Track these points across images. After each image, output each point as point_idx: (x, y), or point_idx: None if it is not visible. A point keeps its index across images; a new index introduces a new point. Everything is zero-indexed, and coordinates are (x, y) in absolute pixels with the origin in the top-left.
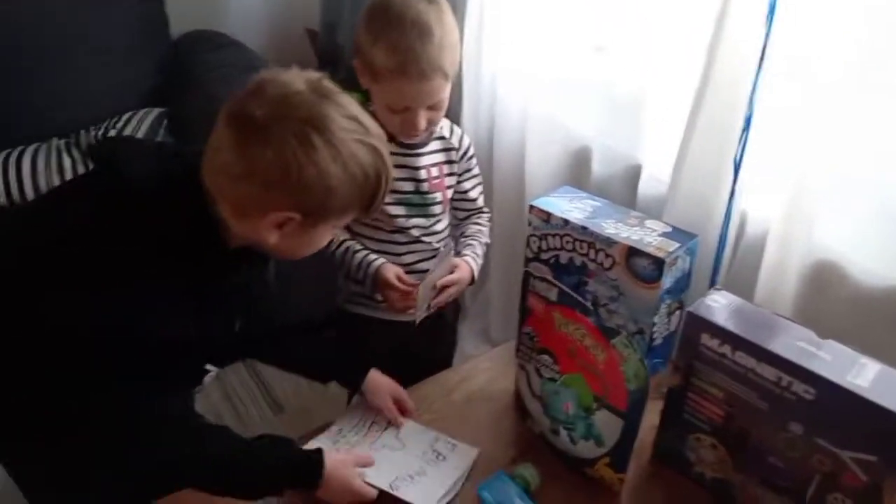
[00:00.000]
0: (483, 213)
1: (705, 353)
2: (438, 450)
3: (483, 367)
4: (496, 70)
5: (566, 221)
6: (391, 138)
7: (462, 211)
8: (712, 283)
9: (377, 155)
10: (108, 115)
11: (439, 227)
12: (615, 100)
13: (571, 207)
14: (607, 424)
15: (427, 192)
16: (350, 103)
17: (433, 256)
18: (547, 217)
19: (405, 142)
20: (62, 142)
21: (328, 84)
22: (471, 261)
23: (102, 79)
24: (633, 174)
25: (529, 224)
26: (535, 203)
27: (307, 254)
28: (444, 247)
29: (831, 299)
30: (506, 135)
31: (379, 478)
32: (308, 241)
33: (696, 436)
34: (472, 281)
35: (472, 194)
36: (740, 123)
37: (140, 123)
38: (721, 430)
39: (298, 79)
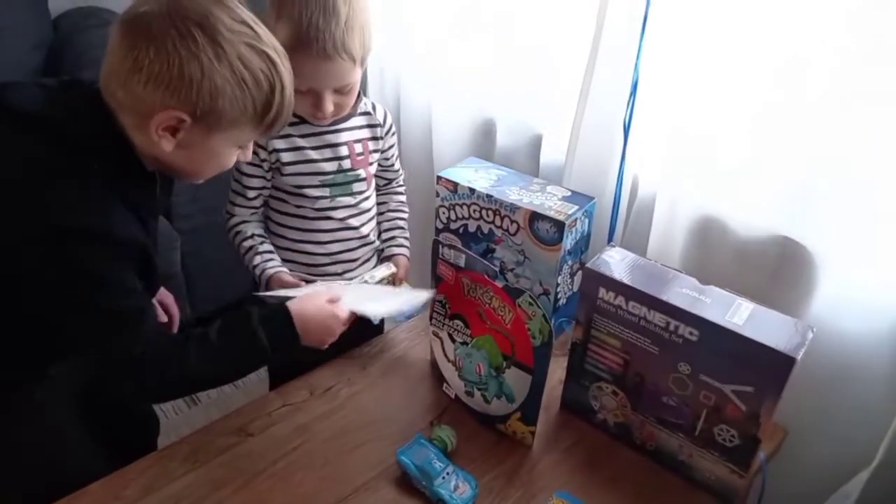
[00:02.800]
0: (400, 174)
1: (602, 306)
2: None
3: (399, 337)
4: (400, 50)
5: (472, 190)
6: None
7: (384, 179)
8: (610, 240)
9: (269, 62)
10: None
11: (366, 205)
12: (516, 74)
13: (477, 177)
14: (517, 381)
15: (350, 170)
16: (244, 11)
17: (361, 245)
18: (454, 187)
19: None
20: None
21: None
22: (404, 251)
23: None
24: (535, 144)
25: (438, 195)
26: (442, 174)
27: (211, 171)
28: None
29: (714, 251)
30: (413, 112)
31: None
32: (207, 154)
33: (598, 384)
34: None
35: (396, 164)
36: (628, 89)
37: None
38: (620, 377)
39: None
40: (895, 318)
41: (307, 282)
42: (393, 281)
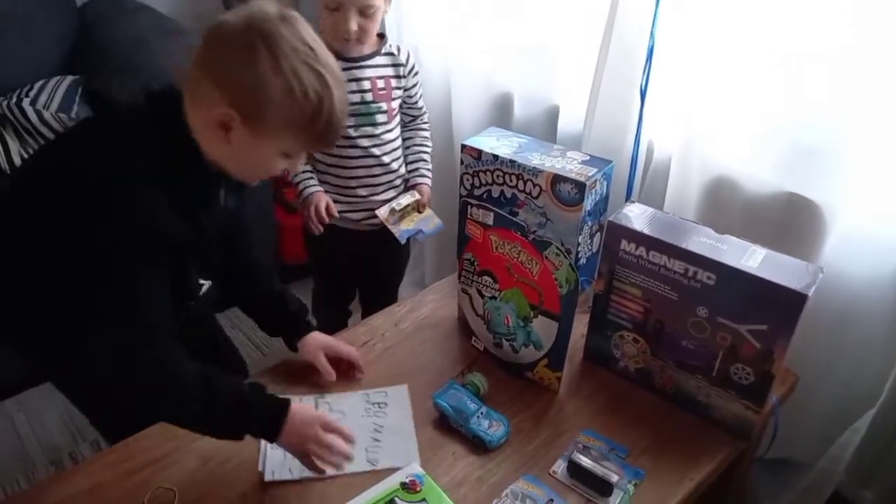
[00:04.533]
0: (425, 115)
1: (624, 257)
2: (375, 401)
3: (427, 299)
4: (418, 24)
5: (496, 157)
6: (337, 56)
7: (409, 115)
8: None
9: (321, 80)
10: (17, 85)
11: (389, 136)
12: (532, 47)
13: (500, 145)
14: (544, 329)
15: (371, 102)
16: (309, 32)
17: (384, 173)
18: (478, 154)
19: (349, 56)
20: None
21: (296, 14)
22: (426, 180)
23: (4, 49)
24: (552, 114)
25: (462, 163)
26: (466, 142)
27: (257, 173)
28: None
29: (726, 208)
30: (431, 86)
31: (354, 462)
32: (256, 155)
33: (619, 333)
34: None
35: (419, 103)
36: (644, 55)
37: (53, 91)
38: (640, 325)
39: (273, 5)
40: None
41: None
42: (417, 207)
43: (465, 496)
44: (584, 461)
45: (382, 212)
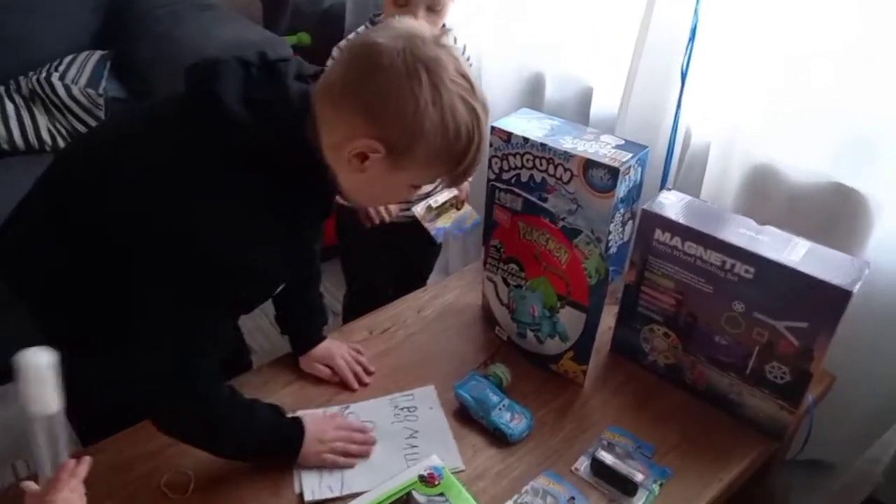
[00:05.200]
0: None
1: (658, 247)
2: (402, 405)
3: (452, 285)
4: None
5: (526, 140)
6: None
7: None
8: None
9: (475, 118)
10: (48, 59)
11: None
12: (566, 27)
13: (531, 127)
14: (571, 320)
15: None
16: (465, 64)
17: None
18: (507, 137)
19: None
20: (1, 88)
21: (448, 36)
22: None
23: (38, 22)
24: (585, 96)
25: (491, 146)
26: (496, 124)
27: (381, 201)
28: None
29: (768, 198)
30: None
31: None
32: (385, 186)
33: (649, 327)
34: None
35: None
36: (686, 35)
37: (83, 67)
38: (672, 319)
39: (425, 25)
40: None
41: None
42: (456, 203)
43: (483, 490)
44: (608, 459)
45: (419, 209)
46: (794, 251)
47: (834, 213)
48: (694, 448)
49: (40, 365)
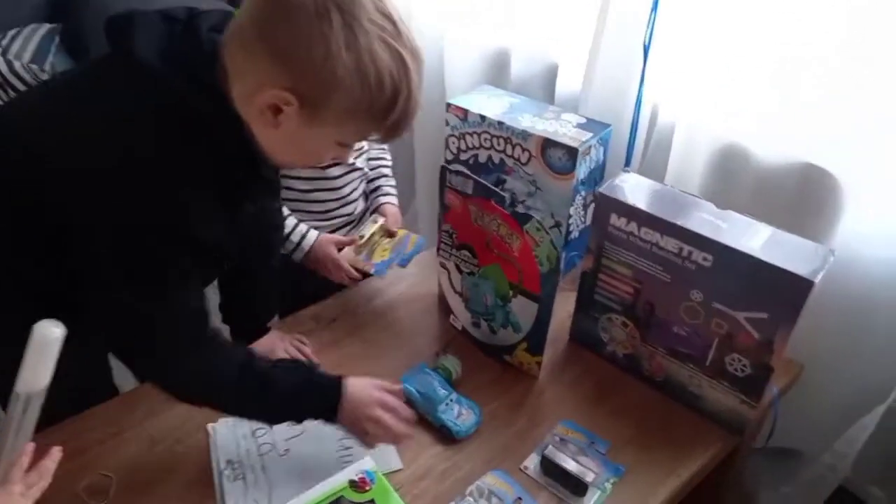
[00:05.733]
0: None
1: (614, 232)
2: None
3: (407, 272)
4: None
5: (483, 117)
6: None
7: None
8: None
9: (401, 64)
10: None
11: (365, 144)
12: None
13: (489, 104)
14: (523, 310)
15: None
16: (391, 4)
17: (362, 180)
18: (464, 114)
19: None
20: None
21: None
22: (391, 198)
23: None
24: (551, 73)
25: (447, 124)
26: (452, 101)
27: (302, 162)
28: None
29: (736, 179)
30: (424, 44)
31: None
32: (306, 143)
33: (608, 316)
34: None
35: None
36: (648, 6)
37: (27, 41)
38: (630, 308)
39: None
40: None
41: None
42: (385, 232)
43: (425, 490)
44: (559, 457)
45: (348, 253)
46: (754, 237)
47: (803, 195)
48: (651, 443)
49: (49, 338)
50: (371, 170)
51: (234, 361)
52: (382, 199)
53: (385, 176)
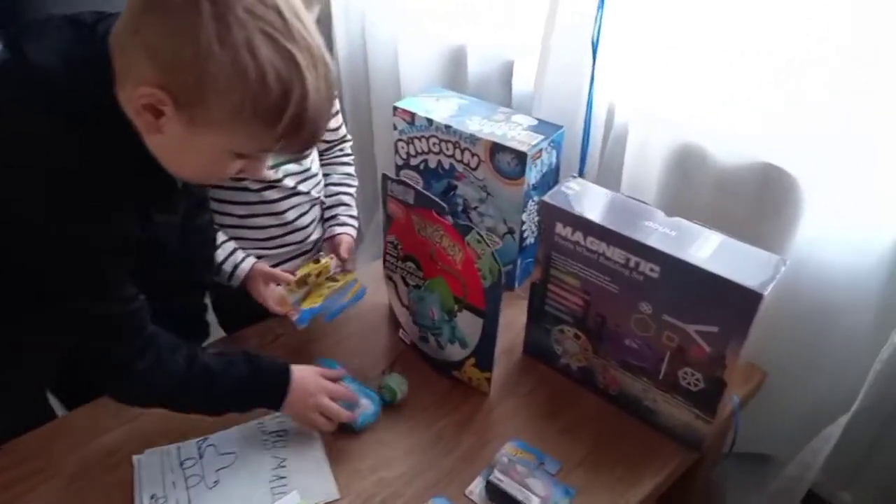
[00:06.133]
0: (346, 141)
1: (561, 242)
2: (271, 430)
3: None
4: None
5: (430, 121)
6: None
7: (323, 142)
8: (581, 174)
9: (290, 61)
10: None
11: (315, 168)
12: None
13: (438, 107)
14: (469, 325)
15: None
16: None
17: (311, 207)
18: (411, 118)
19: None
20: None
21: None
22: (348, 229)
23: None
24: (507, 71)
25: (395, 128)
26: (399, 104)
27: (199, 174)
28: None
29: (694, 181)
30: (379, 43)
31: None
32: (196, 153)
33: (559, 328)
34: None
35: (333, 123)
36: (595, 2)
37: None
38: (581, 320)
39: None
40: (882, 253)
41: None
42: (330, 274)
43: None
44: (504, 482)
45: (279, 291)
46: (703, 247)
47: (763, 196)
48: (604, 462)
49: None
50: (328, 196)
51: (179, 356)
52: (338, 230)
53: (345, 204)
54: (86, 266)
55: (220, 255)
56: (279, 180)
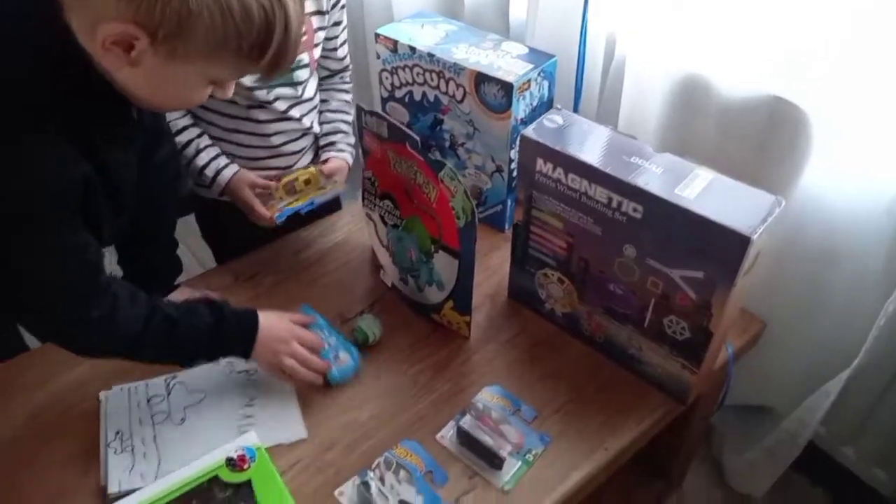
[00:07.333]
0: (347, 70)
1: (541, 180)
2: (241, 368)
3: (343, 221)
4: None
5: (413, 49)
6: None
7: (326, 69)
8: (576, 109)
9: None
10: None
11: (309, 93)
12: None
13: (423, 34)
14: (445, 266)
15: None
16: None
17: (302, 136)
18: (394, 45)
19: None
20: None
21: None
22: (344, 155)
23: None
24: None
25: (378, 56)
26: (380, 30)
27: (170, 104)
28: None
29: (697, 116)
30: None
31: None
32: (172, 83)
33: (543, 272)
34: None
35: (341, 52)
36: None
37: None
38: (565, 263)
39: None
40: (894, 199)
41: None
42: (314, 181)
43: (330, 463)
44: (475, 429)
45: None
46: (691, 185)
47: (769, 133)
48: (584, 410)
49: None
50: (325, 123)
51: (138, 306)
52: (332, 153)
53: (342, 132)
54: (23, 218)
55: (203, 159)
56: (269, 102)
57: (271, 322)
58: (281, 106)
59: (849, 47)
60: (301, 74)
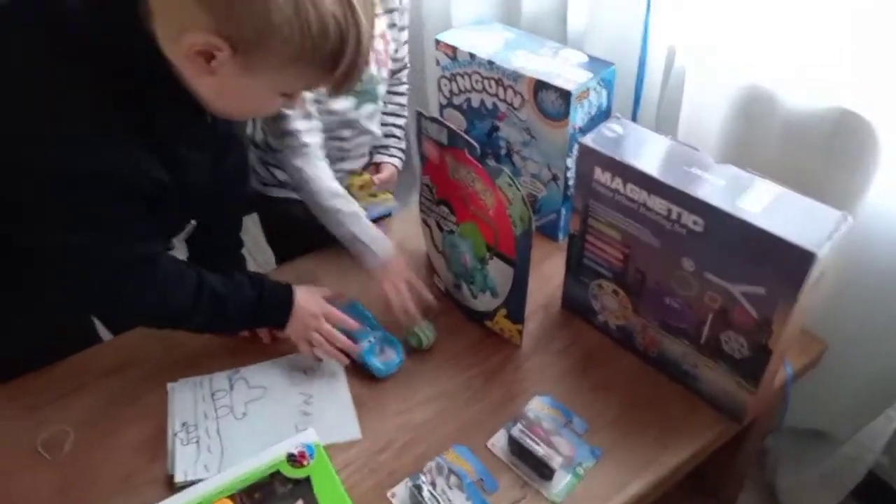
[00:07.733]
0: (405, 66)
1: (599, 189)
2: (302, 366)
3: (395, 227)
4: None
5: (473, 56)
6: None
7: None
8: (634, 119)
9: (347, 7)
10: None
11: (381, 104)
12: None
13: (482, 41)
14: (500, 274)
15: (374, 74)
16: None
17: (372, 144)
18: (453, 52)
19: None
20: None
21: None
22: (395, 160)
23: None
24: (563, 5)
25: (438, 63)
26: (440, 37)
27: (244, 112)
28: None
29: (759, 127)
30: None
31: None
32: (245, 93)
33: (598, 283)
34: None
35: (403, 52)
36: None
37: None
38: (620, 275)
39: None
40: None
41: None
42: (370, 189)
43: (382, 465)
44: (526, 439)
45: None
46: (756, 198)
47: (835, 146)
48: (637, 425)
49: None
50: (382, 126)
51: (187, 283)
52: (386, 158)
53: (395, 136)
54: (86, 203)
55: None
56: (356, 120)
57: (305, 297)
58: (365, 124)
59: None
60: (380, 89)
